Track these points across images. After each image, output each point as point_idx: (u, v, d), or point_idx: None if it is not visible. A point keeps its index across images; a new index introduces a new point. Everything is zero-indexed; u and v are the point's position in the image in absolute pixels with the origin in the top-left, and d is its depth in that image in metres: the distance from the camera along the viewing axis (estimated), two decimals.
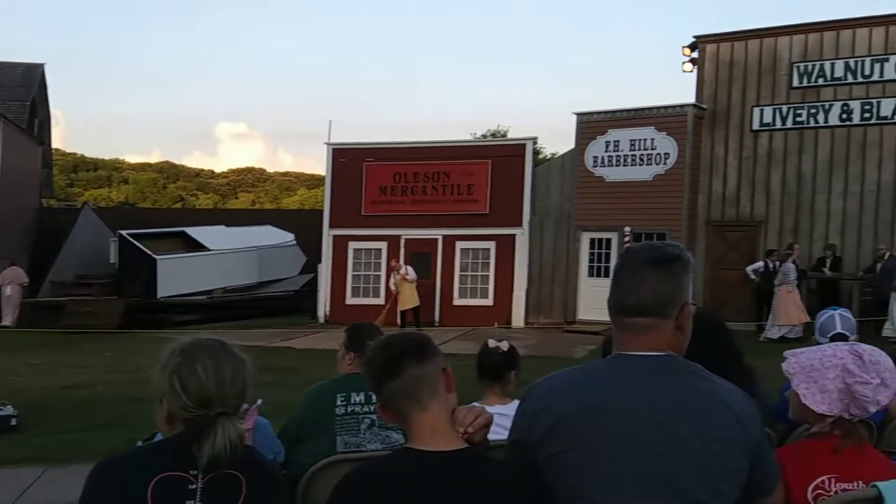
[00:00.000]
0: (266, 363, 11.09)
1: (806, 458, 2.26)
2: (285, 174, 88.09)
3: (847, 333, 4.04)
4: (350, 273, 21.62)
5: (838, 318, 4.16)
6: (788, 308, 16.22)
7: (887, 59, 17.58)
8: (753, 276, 17.39)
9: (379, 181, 21.27)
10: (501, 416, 2.65)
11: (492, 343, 3.65)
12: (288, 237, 27.37)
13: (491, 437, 2.08)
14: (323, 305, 21.88)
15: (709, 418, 1.84)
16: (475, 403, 3.68)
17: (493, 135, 42.60)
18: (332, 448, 3.55)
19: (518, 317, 20.19)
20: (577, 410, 1.87)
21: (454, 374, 2.01)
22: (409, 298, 18.89)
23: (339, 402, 3.69)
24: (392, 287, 19.39)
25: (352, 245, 21.58)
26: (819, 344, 3.94)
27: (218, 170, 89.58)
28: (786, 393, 2.43)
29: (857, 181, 17.89)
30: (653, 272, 1.93)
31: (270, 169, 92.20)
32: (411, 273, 19.02)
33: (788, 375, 2.37)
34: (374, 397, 2.08)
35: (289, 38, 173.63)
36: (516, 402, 2.24)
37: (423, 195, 20.98)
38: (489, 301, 20.61)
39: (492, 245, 20.62)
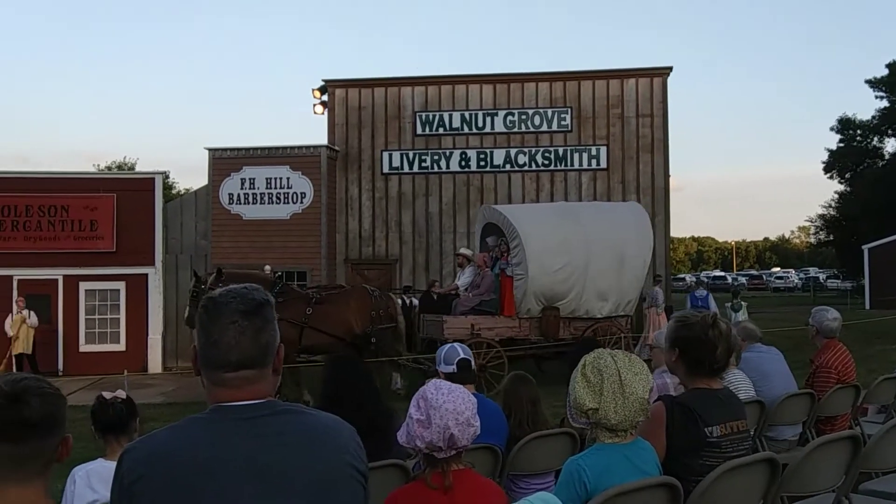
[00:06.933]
0: None
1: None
2: None
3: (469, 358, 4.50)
4: None
5: (459, 347, 4.55)
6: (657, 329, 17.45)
7: (496, 114, 19.71)
8: None
9: None
10: None
11: (107, 395, 3.46)
12: None
13: None
14: None
15: (314, 451, 1.83)
16: (100, 459, 3.34)
17: (120, 167, 40.34)
18: None
19: (155, 362, 19.07)
20: (175, 474, 1.74)
21: (82, 430, 1.77)
22: (25, 344, 16.86)
23: None
24: (8, 330, 17.05)
25: None
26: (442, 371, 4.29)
27: None
28: None
29: None
30: (249, 322, 1.85)
31: None
32: (33, 317, 17.03)
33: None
34: None
35: None
36: None
37: (39, 231, 18.94)
38: (121, 346, 19.14)
39: (121, 285, 19.22)
